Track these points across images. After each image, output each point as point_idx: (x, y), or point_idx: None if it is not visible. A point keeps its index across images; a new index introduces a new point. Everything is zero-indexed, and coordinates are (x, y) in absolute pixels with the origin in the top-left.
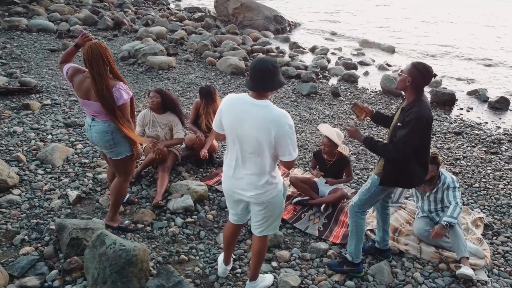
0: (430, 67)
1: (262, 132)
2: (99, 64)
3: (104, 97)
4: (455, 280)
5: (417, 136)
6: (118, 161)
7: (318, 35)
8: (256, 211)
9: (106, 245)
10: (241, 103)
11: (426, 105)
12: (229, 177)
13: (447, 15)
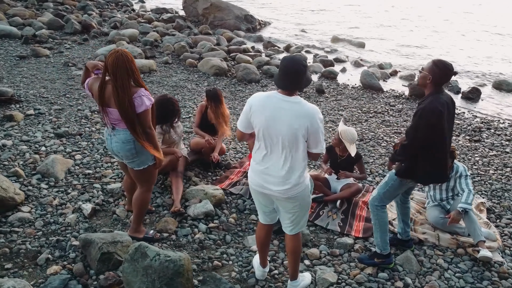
0: (450, 65)
1: (296, 127)
2: (123, 77)
3: (125, 108)
4: (475, 263)
5: (423, 127)
6: (140, 171)
7: (288, 33)
8: (284, 208)
9: (150, 257)
10: (274, 100)
11: (439, 100)
12: (259, 172)
13: (415, 13)
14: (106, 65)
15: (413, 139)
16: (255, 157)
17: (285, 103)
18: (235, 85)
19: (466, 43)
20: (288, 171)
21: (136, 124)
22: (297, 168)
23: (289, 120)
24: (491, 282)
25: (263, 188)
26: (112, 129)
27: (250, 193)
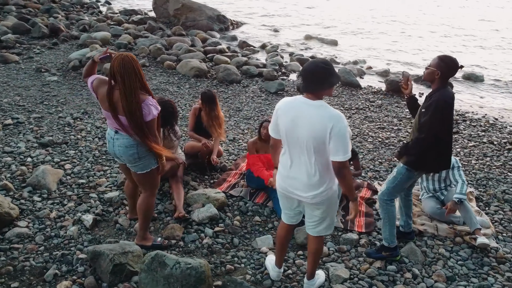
0: (456, 59)
1: (318, 132)
2: (131, 79)
3: (133, 113)
4: (474, 250)
5: (438, 118)
6: (143, 175)
7: (261, 32)
8: (311, 211)
9: (170, 266)
10: (297, 105)
11: (448, 92)
12: (285, 177)
13: (384, 11)
14: (113, 70)
15: (429, 132)
16: (282, 161)
17: (308, 106)
18: (217, 86)
19: (432, 39)
20: (314, 177)
21: (143, 131)
22: (323, 173)
23: (310, 123)
24: (491, 267)
25: (289, 193)
26: (115, 132)
27: (250, 195)
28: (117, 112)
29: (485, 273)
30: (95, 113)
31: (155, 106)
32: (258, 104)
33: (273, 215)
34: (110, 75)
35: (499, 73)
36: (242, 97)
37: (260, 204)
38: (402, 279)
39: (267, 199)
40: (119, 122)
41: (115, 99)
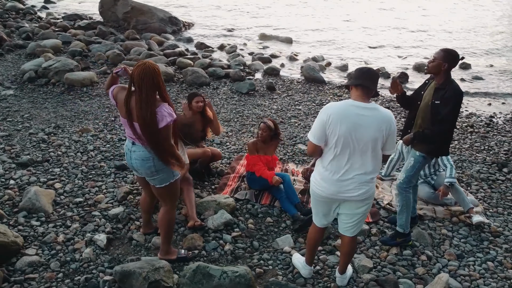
0: (457, 52)
1: (377, 132)
2: (148, 90)
3: (146, 119)
4: (471, 227)
5: (458, 109)
6: (163, 189)
7: (215, 33)
8: (354, 210)
9: (217, 277)
10: (353, 109)
11: (457, 84)
12: (334, 181)
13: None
14: (133, 78)
15: (452, 123)
16: (328, 167)
17: (365, 110)
18: (187, 90)
19: (381, 33)
20: (368, 175)
21: (158, 139)
22: (373, 170)
23: (371, 126)
24: (489, 241)
25: (338, 195)
26: (133, 144)
27: (255, 197)
28: (133, 119)
29: (486, 247)
30: (67, 126)
31: (170, 113)
32: (233, 105)
33: (283, 214)
34: (130, 82)
35: None
36: (215, 99)
37: (267, 205)
38: (420, 262)
39: (273, 199)
40: (133, 129)
41: (132, 105)
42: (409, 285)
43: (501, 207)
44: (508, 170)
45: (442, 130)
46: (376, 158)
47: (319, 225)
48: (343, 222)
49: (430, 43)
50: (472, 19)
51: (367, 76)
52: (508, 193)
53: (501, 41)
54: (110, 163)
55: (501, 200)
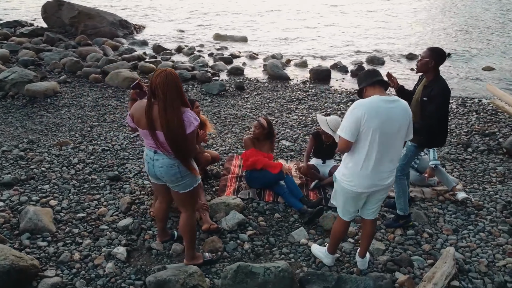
0: (443, 49)
1: (402, 121)
2: (174, 93)
3: (173, 127)
4: (456, 204)
5: (444, 105)
6: (186, 194)
7: (167, 34)
8: (380, 196)
9: (261, 274)
10: (382, 103)
11: (445, 81)
12: (369, 175)
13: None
14: (154, 86)
15: (436, 118)
16: (361, 162)
17: (391, 102)
18: None
19: (331, 30)
20: (393, 164)
21: (183, 145)
22: (398, 158)
23: (399, 116)
24: (475, 214)
25: (373, 187)
26: (155, 152)
27: (258, 195)
28: (155, 128)
29: (474, 220)
30: (42, 140)
31: (195, 118)
32: (208, 107)
33: (288, 209)
34: (150, 91)
35: (395, 54)
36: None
37: (272, 202)
38: (423, 239)
39: (275, 196)
40: (156, 139)
41: (154, 114)
42: (421, 261)
43: (475, 183)
44: (472, 149)
45: (428, 125)
46: (400, 146)
47: (347, 219)
48: (367, 208)
49: (379, 36)
50: (418, 13)
51: (377, 73)
52: (478, 170)
53: (447, 32)
54: (101, 174)
55: (474, 177)
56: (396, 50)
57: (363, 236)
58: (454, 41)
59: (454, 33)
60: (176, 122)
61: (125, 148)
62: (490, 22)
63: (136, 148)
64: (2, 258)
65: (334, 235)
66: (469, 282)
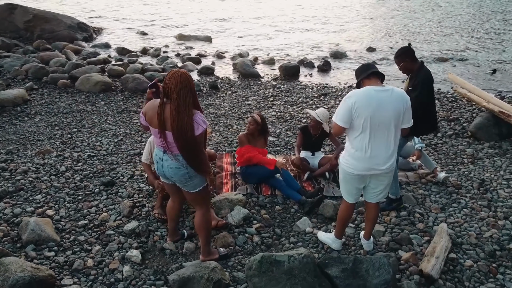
0: (403, 46)
1: (396, 109)
2: (187, 94)
3: (183, 128)
4: (438, 184)
5: (427, 92)
6: (196, 193)
7: (128, 36)
8: (380, 181)
9: (286, 261)
10: (375, 93)
11: (427, 69)
12: (366, 158)
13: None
14: (168, 86)
15: (420, 106)
16: (357, 147)
17: (384, 92)
18: (132, 98)
19: (293, 25)
20: (392, 149)
21: (191, 147)
22: (395, 145)
23: (391, 105)
24: (456, 193)
25: (370, 170)
26: (164, 152)
27: (255, 190)
28: (165, 128)
29: (456, 198)
30: (21, 150)
31: (204, 121)
32: None
33: (287, 201)
34: (163, 92)
35: (356, 48)
36: None
37: (270, 196)
38: (416, 219)
39: (272, 189)
40: (164, 138)
41: (166, 115)
42: (418, 238)
43: (450, 165)
44: (441, 134)
45: (413, 113)
46: (397, 133)
47: (351, 201)
48: (370, 192)
49: (337, 30)
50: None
51: (371, 66)
52: (451, 152)
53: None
54: (93, 181)
55: (448, 159)
56: (356, 44)
57: (366, 219)
58: (408, 33)
59: (405, 28)
60: (186, 123)
61: (112, 153)
62: (443, 16)
63: (123, 152)
64: (19, 270)
65: (341, 218)
66: (463, 254)
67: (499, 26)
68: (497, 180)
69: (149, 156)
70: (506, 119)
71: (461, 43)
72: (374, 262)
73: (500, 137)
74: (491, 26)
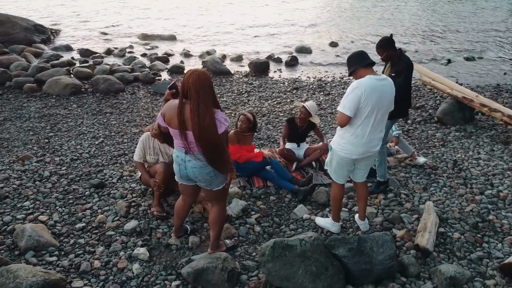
0: (383, 37)
1: (391, 97)
2: (207, 93)
3: (206, 127)
4: (417, 167)
5: (409, 77)
6: (220, 190)
7: (90, 37)
8: (368, 162)
9: (298, 245)
10: (377, 82)
11: (407, 57)
12: (363, 143)
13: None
14: (187, 86)
15: (403, 90)
16: (357, 133)
17: (383, 80)
18: (105, 99)
19: (255, 22)
20: (382, 133)
21: (214, 146)
22: (384, 128)
23: (388, 92)
24: (434, 174)
25: (365, 154)
26: (185, 153)
27: (247, 183)
28: (186, 128)
29: (435, 179)
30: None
31: (226, 119)
32: (159, 107)
33: (280, 191)
34: (181, 92)
35: (318, 44)
36: (140, 104)
37: (263, 187)
38: (403, 200)
39: (264, 181)
40: (185, 139)
41: (186, 115)
42: (408, 217)
43: (424, 149)
44: (411, 121)
45: (398, 96)
46: (386, 118)
47: (342, 182)
48: (358, 173)
49: (297, 26)
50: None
51: (367, 56)
52: (422, 137)
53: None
54: (82, 184)
55: (421, 143)
56: (319, 40)
57: (359, 198)
58: (367, 26)
59: (363, 19)
60: (208, 121)
61: (95, 155)
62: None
63: (106, 154)
64: (31, 275)
65: (334, 200)
66: (450, 227)
67: (445, 23)
68: (468, 160)
69: (142, 155)
70: (469, 104)
71: (409, 35)
72: (377, 240)
73: (464, 121)
74: (434, 22)
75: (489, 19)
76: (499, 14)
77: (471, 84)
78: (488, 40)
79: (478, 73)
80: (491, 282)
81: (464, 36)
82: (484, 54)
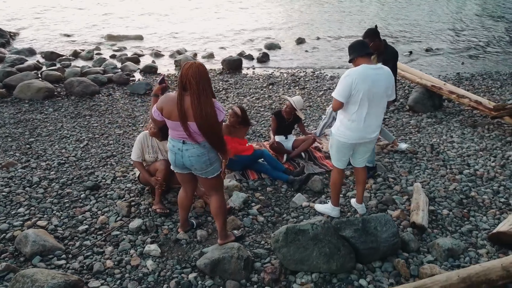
0: (369, 29)
1: (387, 85)
2: (207, 84)
3: (207, 116)
4: (398, 153)
5: (395, 66)
6: (215, 178)
7: (52, 39)
8: (367, 148)
9: (309, 229)
10: (370, 71)
11: (392, 47)
12: (360, 129)
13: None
14: (186, 78)
15: (394, 73)
16: (353, 118)
17: (377, 70)
18: (82, 102)
19: (220, 22)
20: (379, 120)
21: (216, 132)
22: (382, 115)
23: (383, 81)
24: (415, 158)
25: (363, 139)
26: (183, 143)
27: (242, 175)
28: (187, 119)
29: (417, 162)
30: None
31: (222, 108)
32: (143, 107)
33: (276, 182)
34: (180, 84)
35: (286, 40)
36: (119, 105)
37: (258, 179)
38: (392, 183)
39: (258, 173)
40: (187, 129)
41: (186, 106)
42: (400, 198)
43: (402, 135)
44: (386, 110)
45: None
46: (384, 105)
47: (341, 167)
48: (358, 158)
49: (262, 22)
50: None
51: (367, 45)
52: (399, 124)
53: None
54: (75, 187)
55: (398, 131)
56: (286, 36)
57: (357, 182)
58: (330, 23)
59: (326, 20)
60: (210, 111)
61: (83, 158)
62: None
63: (94, 156)
64: (50, 278)
65: (335, 184)
66: (438, 205)
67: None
68: (443, 144)
69: (140, 154)
70: (438, 91)
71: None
72: (380, 219)
73: (434, 108)
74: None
75: (442, 15)
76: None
77: (434, 74)
78: (443, 33)
79: (439, 64)
80: (483, 251)
81: (423, 29)
82: (440, 45)
